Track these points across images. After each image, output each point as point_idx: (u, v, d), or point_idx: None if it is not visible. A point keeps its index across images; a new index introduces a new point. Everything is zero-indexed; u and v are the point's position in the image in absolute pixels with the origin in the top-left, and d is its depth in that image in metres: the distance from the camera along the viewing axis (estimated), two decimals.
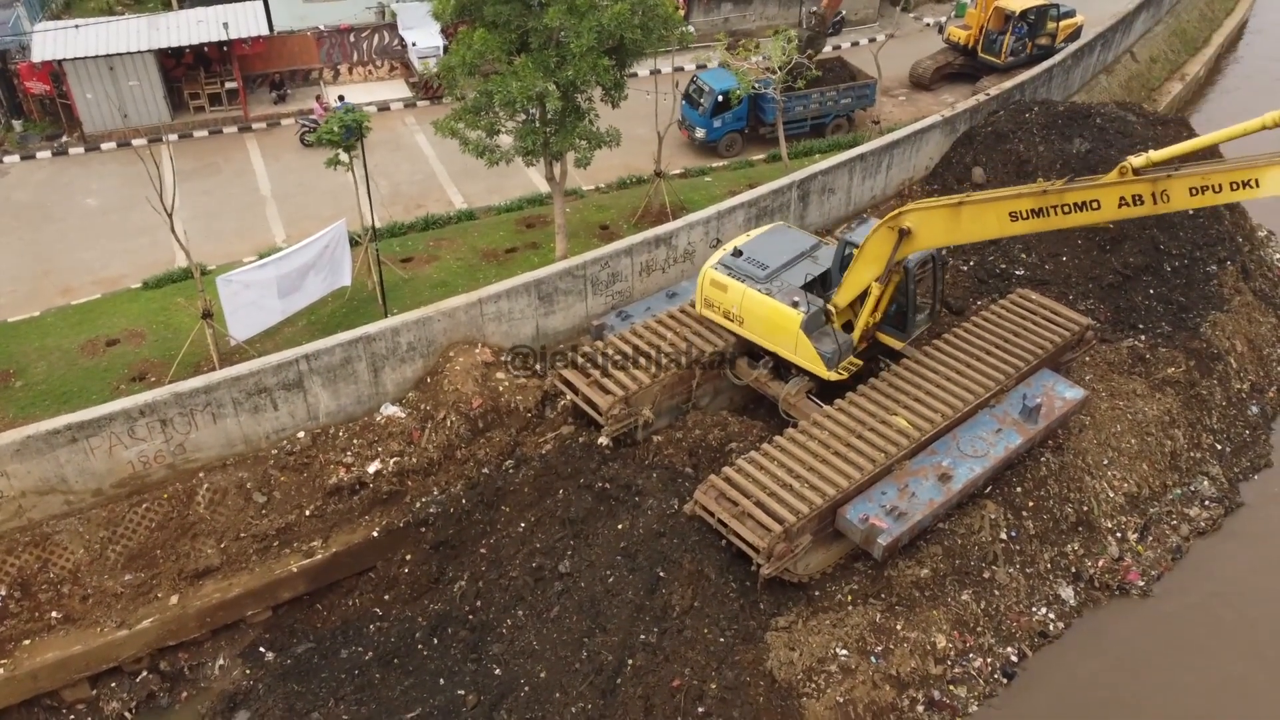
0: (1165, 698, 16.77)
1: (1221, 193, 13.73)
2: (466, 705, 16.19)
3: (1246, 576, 18.82)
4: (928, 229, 15.58)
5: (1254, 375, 22.59)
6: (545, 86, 17.03)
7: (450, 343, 19.06)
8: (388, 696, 16.59)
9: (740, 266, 18.26)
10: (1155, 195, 13.72)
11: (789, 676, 15.19)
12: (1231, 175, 13.61)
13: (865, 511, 15.81)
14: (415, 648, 17.24)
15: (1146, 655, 17.38)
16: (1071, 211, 14.51)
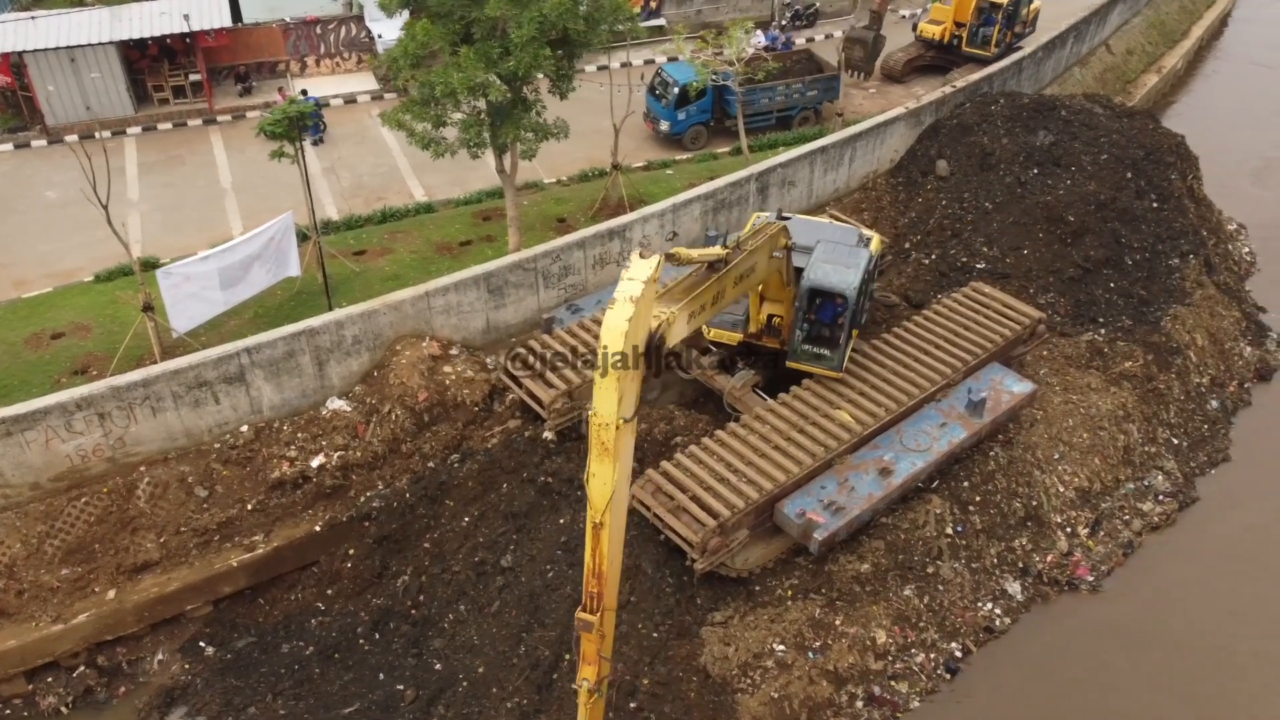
0: (1111, 694, 16.66)
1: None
2: (404, 700, 16.15)
3: (1198, 572, 18.71)
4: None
5: (1214, 369, 22.44)
6: (486, 78, 16.89)
7: (397, 336, 18.96)
8: (326, 691, 16.53)
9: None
10: (716, 296, 13.20)
11: (723, 672, 15.10)
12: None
13: (803, 506, 15.70)
14: (356, 642, 17.19)
15: (1094, 651, 17.27)
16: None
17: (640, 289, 9.72)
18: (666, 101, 26.74)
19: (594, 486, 10.40)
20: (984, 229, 23.65)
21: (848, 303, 16.59)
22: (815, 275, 16.70)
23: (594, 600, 11.10)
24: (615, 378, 9.74)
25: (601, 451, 10.18)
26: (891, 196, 25.91)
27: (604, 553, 10.81)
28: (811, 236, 17.83)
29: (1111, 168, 24.16)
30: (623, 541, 11.38)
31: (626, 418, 10.18)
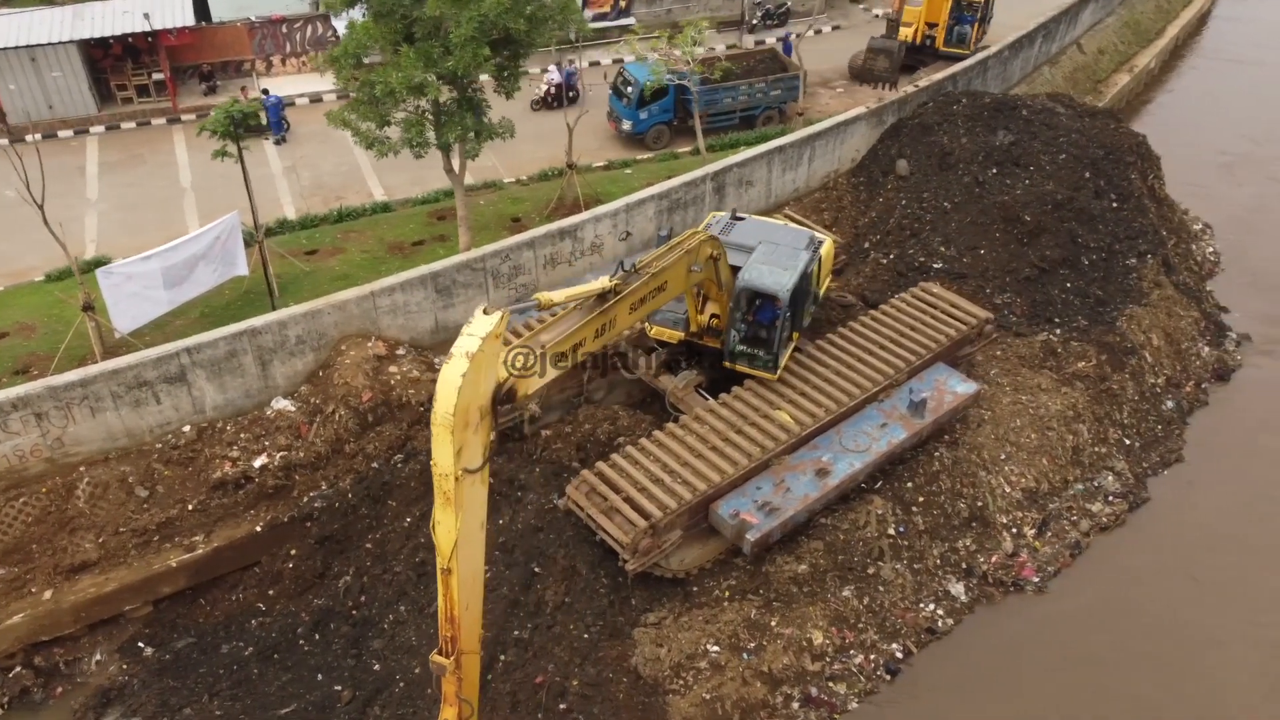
0: (1053, 696, 16.61)
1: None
2: (341, 701, 16.11)
3: (1146, 572, 18.65)
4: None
5: (1170, 369, 22.40)
6: (425, 77, 16.84)
7: (343, 336, 18.92)
8: (264, 692, 16.49)
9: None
10: (609, 323, 13.24)
11: (655, 673, 15.08)
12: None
13: (737, 507, 15.68)
14: (297, 643, 17.15)
15: (1037, 653, 17.20)
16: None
17: (478, 345, 9.65)
18: (628, 101, 26.70)
19: (439, 534, 10.43)
20: (942, 229, 23.63)
21: (782, 304, 16.55)
22: (750, 276, 16.67)
23: (450, 644, 11.14)
24: (448, 430, 9.68)
25: (444, 501, 10.20)
26: (852, 196, 25.87)
27: (455, 598, 10.88)
28: (760, 238, 17.82)
29: (1070, 167, 24.11)
30: (480, 585, 11.40)
31: (469, 469, 10.14)
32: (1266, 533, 19.12)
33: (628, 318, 13.77)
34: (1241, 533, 19.16)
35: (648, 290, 14.02)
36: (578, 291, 12.60)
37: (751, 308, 17.26)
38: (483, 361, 9.87)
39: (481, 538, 11.14)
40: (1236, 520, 19.39)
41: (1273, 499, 19.81)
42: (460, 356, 9.68)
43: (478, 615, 11.67)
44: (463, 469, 10.05)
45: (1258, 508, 19.66)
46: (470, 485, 10.34)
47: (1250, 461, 20.76)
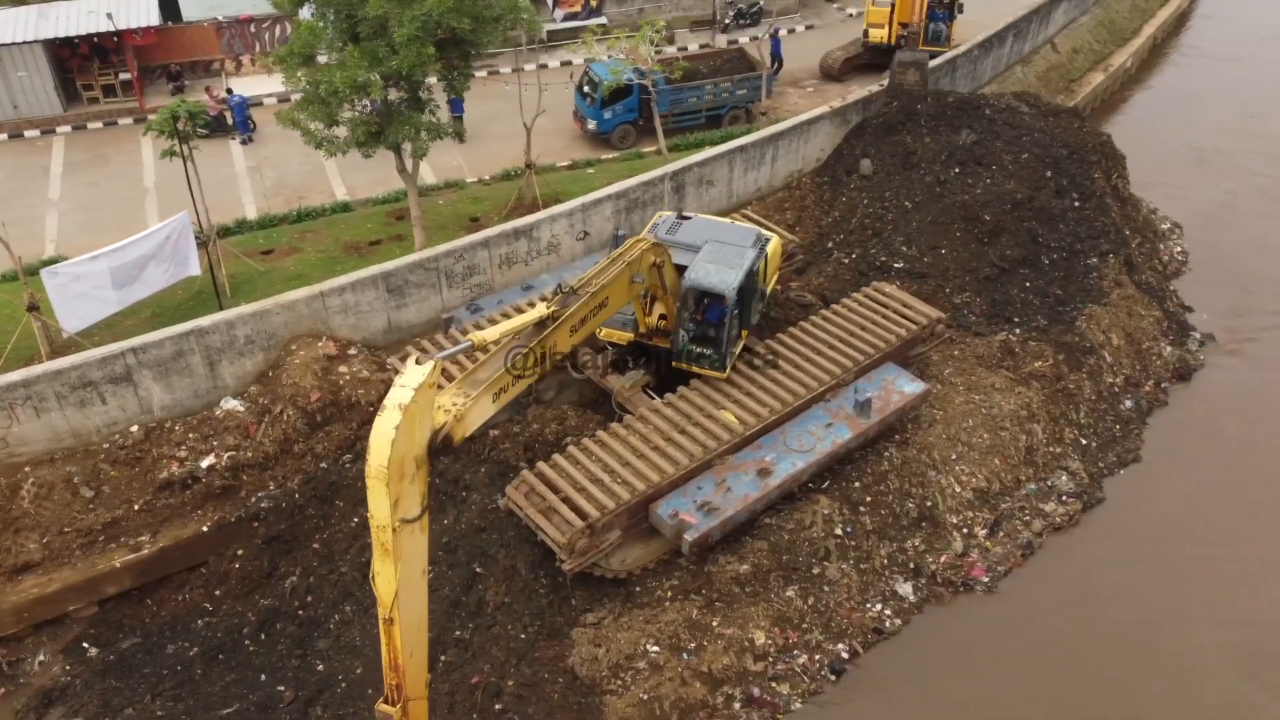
0: (999, 697, 16.57)
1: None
2: (284, 701, 16.12)
3: (1098, 573, 18.58)
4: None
5: (1129, 369, 22.35)
6: (368, 77, 16.84)
7: (293, 336, 18.91)
8: (207, 692, 16.49)
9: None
10: (550, 349, 13.13)
11: (592, 673, 15.05)
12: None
13: (676, 507, 15.65)
14: (242, 643, 17.15)
15: (984, 653, 17.14)
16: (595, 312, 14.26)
17: (410, 396, 9.60)
18: (592, 100, 26.68)
19: (379, 585, 10.36)
20: (904, 228, 23.60)
21: (728, 303, 16.52)
22: (695, 276, 16.64)
23: (395, 692, 11.07)
24: (384, 483, 9.63)
25: (383, 552, 10.14)
26: (816, 195, 25.85)
27: (398, 646, 10.82)
28: (707, 237, 17.79)
29: (1032, 166, 24.09)
30: (424, 630, 11.33)
31: (407, 518, 10.08)
32: (1222, 532, 19.06)
33: (568, 341, 13.59)
34: (1197, 532, 19.11)
35: (587, 310, 13.86)
36: (513, 325, 12.51)
37: (699, 307, 17.23)
38: (416, 412, 9.82)
39: (423, 585, 11.09)
40: (1192, 520, 19.34)
41: (1229, 499, 19.77)
42: (393, 408, 9.62)
43: (423, 660, 11.60)
44: (400, 519, 10.01)
45: (1213, 507, 19.61)
46: (409, 534, 10.31)
47: (1208, 462, 20.70)
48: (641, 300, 17.24)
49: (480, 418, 11.74)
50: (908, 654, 17.13)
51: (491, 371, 11.93)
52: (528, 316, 12.81)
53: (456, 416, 10.91)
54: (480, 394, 11.52)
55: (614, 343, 18.23)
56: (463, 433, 11.19)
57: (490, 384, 11.77)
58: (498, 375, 11.92)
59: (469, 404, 11.21)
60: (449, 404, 11.00)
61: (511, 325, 12.46)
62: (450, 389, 11.40)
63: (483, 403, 11.65)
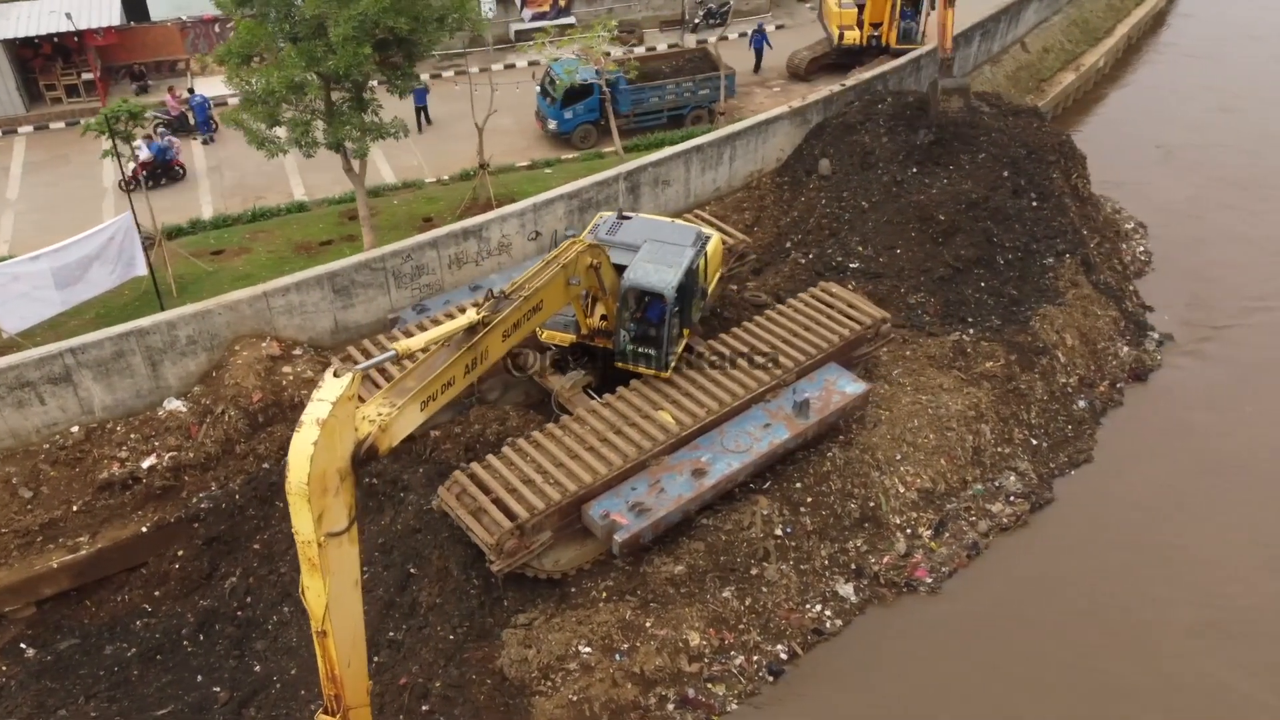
0: (941, 696, 16.50)
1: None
2: (218, 702, 16.10)
3: (1044, 573, 18.50)
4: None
5: (1084, 369, 22.30)
6: (304, 77, 16.80)
7: (236, 336, 18.88)
8: (143, 693, 16.46)
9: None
10: (481, 356, 12.91)
11: (522, 674, 15.02)
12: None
13: (608, 507, 15.61)
14: (180, 644, 17.14)
15: (928, 653, 17.06)
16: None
17: (328, 410, 9.52)
18: (553, 100, 26.65)
19: (310, 599, 10.29)
20: (860, 228, 23.58)
21: (667, 302, 16.49)
22: (634, 275, 16.62)
23: (334, 702, 11.06)
24: (305, 499, 9.58)
25: (310, 567, 10.08)
26: (775, 195, 25.82)
27: (334, 658, 10.76)
28: (647, 236, 17.76)
29: (989, 166, 24.05)
30: (362, 639, 11.28)
31: (333, 532, 10.01)
32: (1174, 532, 18.96)
33: (501, 346, 13.44)
34: (1147, 534, 19.02)
35: (520, 315, 13.74)
36: (441, 332, 12.35)
37: (640, 306, 17.20)
38: (336, 426, 9.70)
39: (356, 595, 11.01)
40: (1143, 520, 19.25)
41: (1181, 499, 19.70)
42: (310, 424, 9.52)
43: (362, 669, 11.54)
44: (326, 534, 9.95)
45: (1165, 507, 19.55)
46: (337, 547, 10.22)
47: (1160, 462, 20.63)
48: (583, 301, 17.21)
49: (407, 427, 11.58)
50: (848, 655, 17.08)
51: (419, 380, 11.79)
52: (457, 323, 12.68)
53: (381, 427, 10.76)
54: (407, 403, 11.34)
55: (556, 344, 18.18)
56: (389, 443, 11.05)
57: (418, 393, 11.61)
58: (426, 383, 11.78)
59: (394, 413, 11.06)
60: (374, 414, 10.83)
61: (440, 332, 12.36)
62: (376, 398, 11.27)
63: (409, 412, 11.48)
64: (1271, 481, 20.03)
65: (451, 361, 12.14)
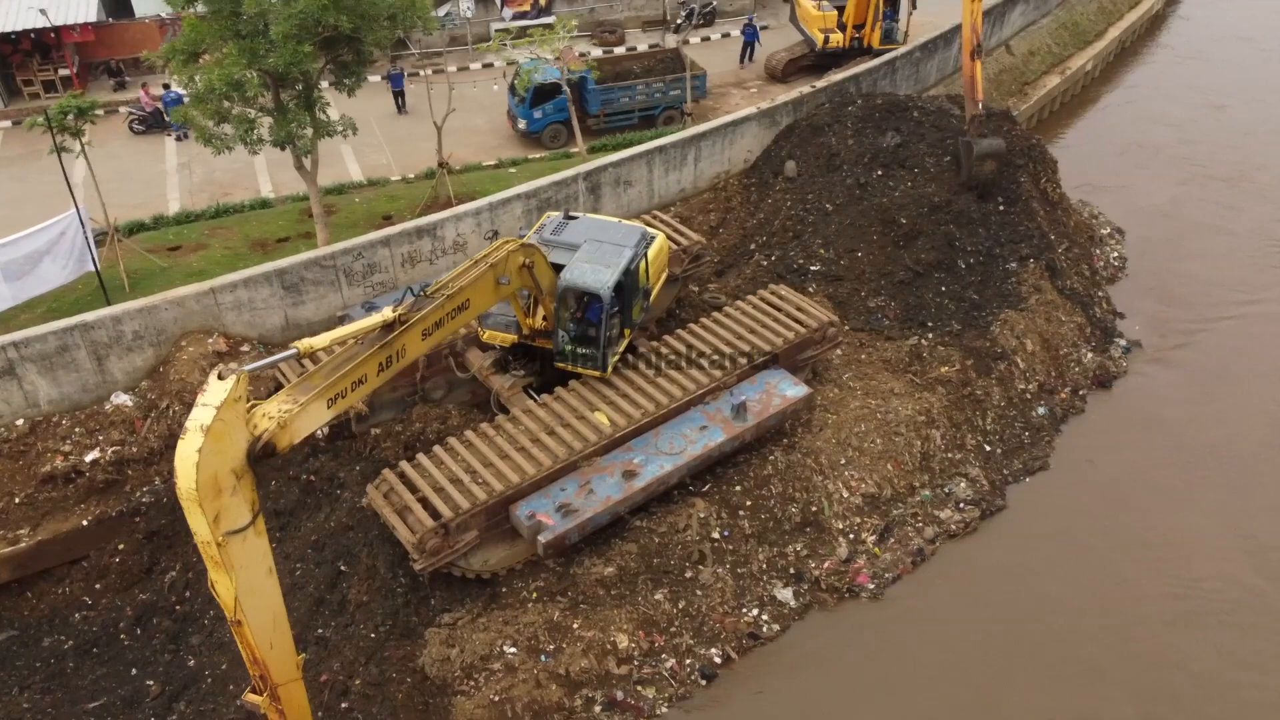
0: (879, 698, 16.37)
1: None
2: (150, 695, 16.20)
3: (988, 581, 18.32)
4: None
5: (1044, 375, 22.06)
6: (243, 74, 16.86)
7: (184, 332, 18.96)
8: (77, 686, 16.59)
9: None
10: (398, 354, 12.73)
11: (444, 674, 15.00)
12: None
13: (535, 508, 15.57)
14: (118, 638, 17.26)
15: (867, 658, 16.92)
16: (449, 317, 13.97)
17: (212, 415, 9.54)
18: (521, 99, 26.65)
19: (219, 593, 10.44)
20: (823, 231, 23.44)
21: (602, 302, 16.44)
22: (571, 275, 16.57)
23: (261, 681, 11.28)
24: (196, 504, 9.63)
25: (214, 565, 10.20)
26: (742, 197, 25.70)
27: (253, 643, 10.97)
28: (591, 236, 17.71)
29: (953, 169, 23.81)
30: (284, 622, 11.42)
31: (233, 530, 10.09)
32: (1116, 544, 18.76)
33: (421, 345, 13.35)
34: (1100, 541, 18.82)
35: (443, 314, 13.66)
36: (350, 330, 12.32)
37: (580, 307, 17.15)
38: (222, 430, 9.74)
39: (270, 583, 11.13)
40: (1095, 528, 19.04)
41: (1130, 507, 19.49)
42: (195, 431, 9.56)
43: (287, 648, 11.71)
44: (226, 532, 10.04)
45: (1115, 515, 19.35)
46: (242, 542, 10.33)
47: (1119, 470, 20.39)
48: (524, 301, 17.18)
49: (312, 424, 11.56)
50: (785, 659, 16.96)
51: (326, 377, 11.76)
52: (370, 320, 12.64)
53: (281, 424, 10.75)
54: (311, 400, 11.31)
55: (498, 344, 18.16)
56: (289, 439, 11.03)
57: (323, 390, 11.57)
58: (333, 381, 11.76)
59: (296, 410, 11.05)
60: (275, 411, 10.80)
61: (351, 329, 12.34)
62: (281, 395, 11.25)
63: (314, 409, 11.44)
64: (1233, 482, 19.92)
65: (363, 359, 12.11)
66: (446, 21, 31.92)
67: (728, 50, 34.11)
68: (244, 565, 10.47)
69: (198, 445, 9.52)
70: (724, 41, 34.64)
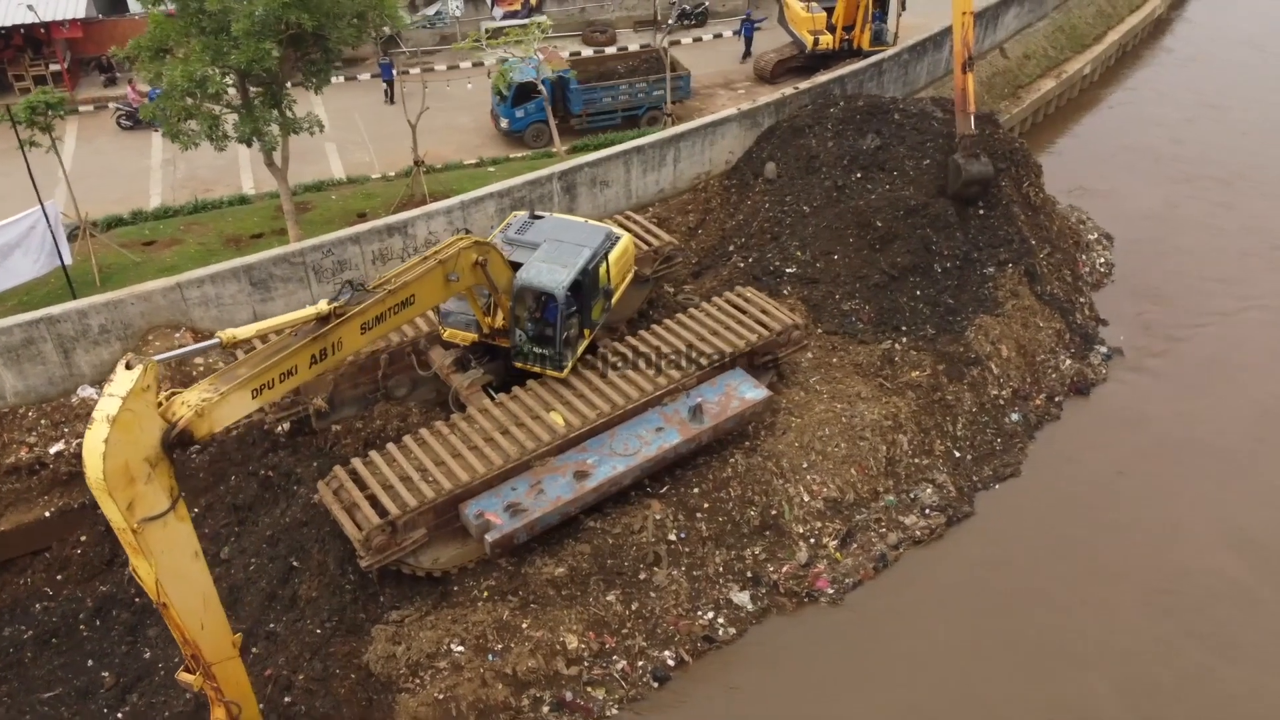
0: (835, 704, 16.27)
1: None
2: (104, 686, 16.30)
3: (950, 588, 18.19)
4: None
5: (1018, 382, 21.88)
6: (205, 71, 16.95)
7: (151, 326, 19.08)
8: (33, 676, 16.70)
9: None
10: (333, 346, 12.70)
11: (389, 670, 15.02)
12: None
13: (485, 507, 15.56)
14: (77, 629, 17.35)
15: (816, 665, 16.81)
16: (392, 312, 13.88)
17: (118, 406, 9.55)
18: (503, 98, 26.68)
19: (141, 576, 10.55)
20: (800, 233, 23.33)
21: (557, 302, 16.42)
22: (527, 275, 16.56)
23: (194, 661, 11.46)
24: (106, 494, 9.68)
25: (132, 551, 10.29)
26: (722, 198, 25.63)
27: (181, 624, 11.10)
28: (554, 236, 17.70)
29: (932, 173, 23.65)
30: (214, 602, 11.54)
31: (150, 517, 10.16)
32: (1081, 555, 18.55)
33: (359, 339, 13.35)
34: (1066, 547, 18.68)
35: (384, 308, 13.63)
36: (279, 321, 12.33)
37: (539, 306, 17.14)
38: (130, 421, 9.78)
39: (198, 565, 11.26)
40: (1063, 536, 18.89)
41: (1095, 515, 19.31)
42: (101, 421, 9.58)
43: (220, 628, 11.83)
44: (141, 519, 10.11)
45: (1079, 525, 19.17)
46: (162, 528, 10.43)
47: (1091, 477, 20.22)
48: (484, 300, 17.19)
49: (235, 414, 11.63)
50: (740, 663, 16.89)
51: (252, 367, 11.82)
52: (302, 312, 12.69)
53: (199, 412, 10.81)
54: (233, 390, 11.37)
55: (459, 342, 18.16)
56: (208, 428, 11.10)
57: (248, 380, 11.63)
58: (259, 371, 11.80)
59: (217, 400, 11.11)
60: (195, 399, 10.88)
61: (280, 321, 12.38)
62: (203, 383, 11.34)
63: (237, 398, 11.50)
64: (1217, 477, 19.96)
65: (293, 351, 12.13)
66: (437, 20, 31.99)
67: (719, 51, 34.05)
68: (166, 550, 10.57)
69: (104, 435, 9.57)
70: (716, 42, 34.55)
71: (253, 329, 11.87)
